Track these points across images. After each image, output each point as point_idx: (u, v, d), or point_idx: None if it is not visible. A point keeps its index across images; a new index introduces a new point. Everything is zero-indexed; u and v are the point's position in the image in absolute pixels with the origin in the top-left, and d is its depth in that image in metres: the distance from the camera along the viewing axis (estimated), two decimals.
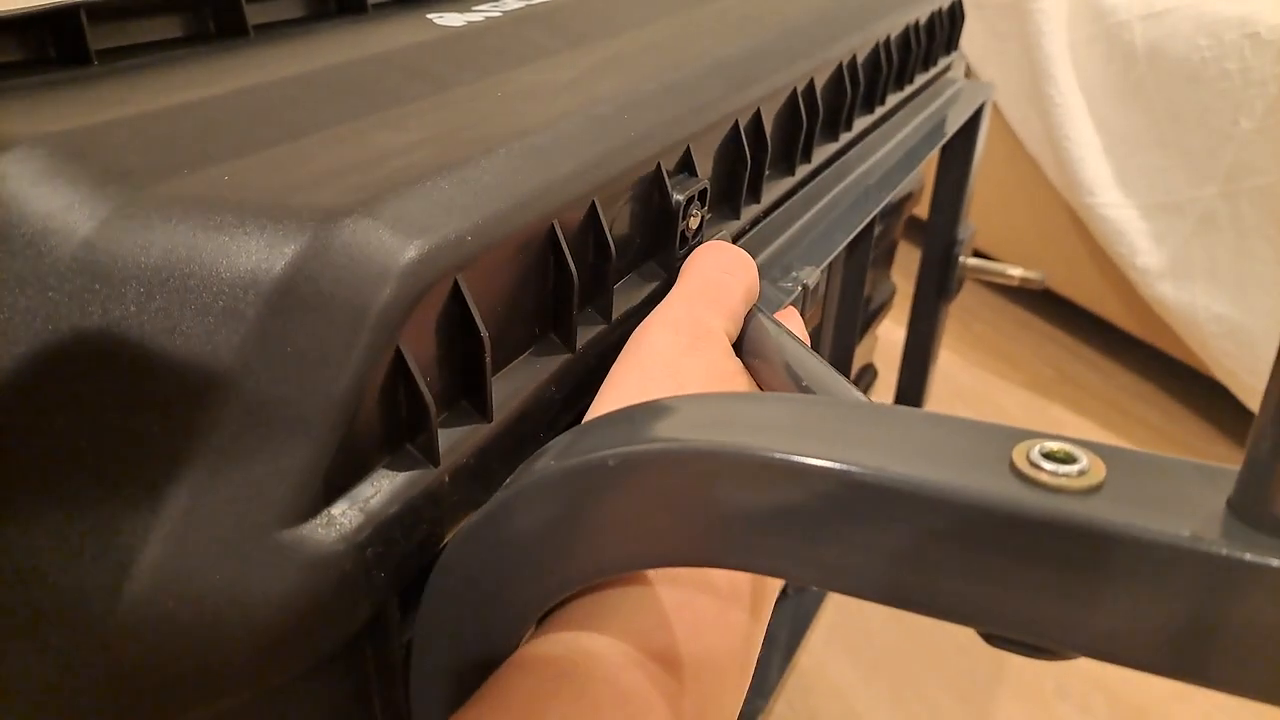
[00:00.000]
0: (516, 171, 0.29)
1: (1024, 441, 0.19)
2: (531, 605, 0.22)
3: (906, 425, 0.20)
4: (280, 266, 0.22)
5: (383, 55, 0.36)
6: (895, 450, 0.19)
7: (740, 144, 0.41)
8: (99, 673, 0.20)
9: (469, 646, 0.23)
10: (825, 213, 0.50)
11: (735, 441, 0.20)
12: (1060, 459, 0.18)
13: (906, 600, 0.19)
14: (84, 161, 0.25)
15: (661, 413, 0.22)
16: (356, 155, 0.28)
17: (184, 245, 0.22)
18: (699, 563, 0.21)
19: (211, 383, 0.21)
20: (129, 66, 0.32)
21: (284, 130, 0.29)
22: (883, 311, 0.90)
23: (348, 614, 0.22)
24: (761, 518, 0.20)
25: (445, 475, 0.25)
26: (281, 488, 0.21)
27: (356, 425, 0.22)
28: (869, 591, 0.19)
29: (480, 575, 0.22)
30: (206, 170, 0.25)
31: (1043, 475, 0.18)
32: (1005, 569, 0.18)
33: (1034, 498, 0.17)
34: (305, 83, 0.33)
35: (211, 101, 0.30)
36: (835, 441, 0.19)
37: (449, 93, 0.34)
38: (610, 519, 0.21)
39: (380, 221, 0.24)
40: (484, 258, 0.26)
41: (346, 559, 0.21)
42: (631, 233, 0.35)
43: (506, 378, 0.29)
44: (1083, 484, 0.17)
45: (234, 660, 0.20)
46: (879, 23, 0.57)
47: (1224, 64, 1.12)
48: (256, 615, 0.20)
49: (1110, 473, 0.18)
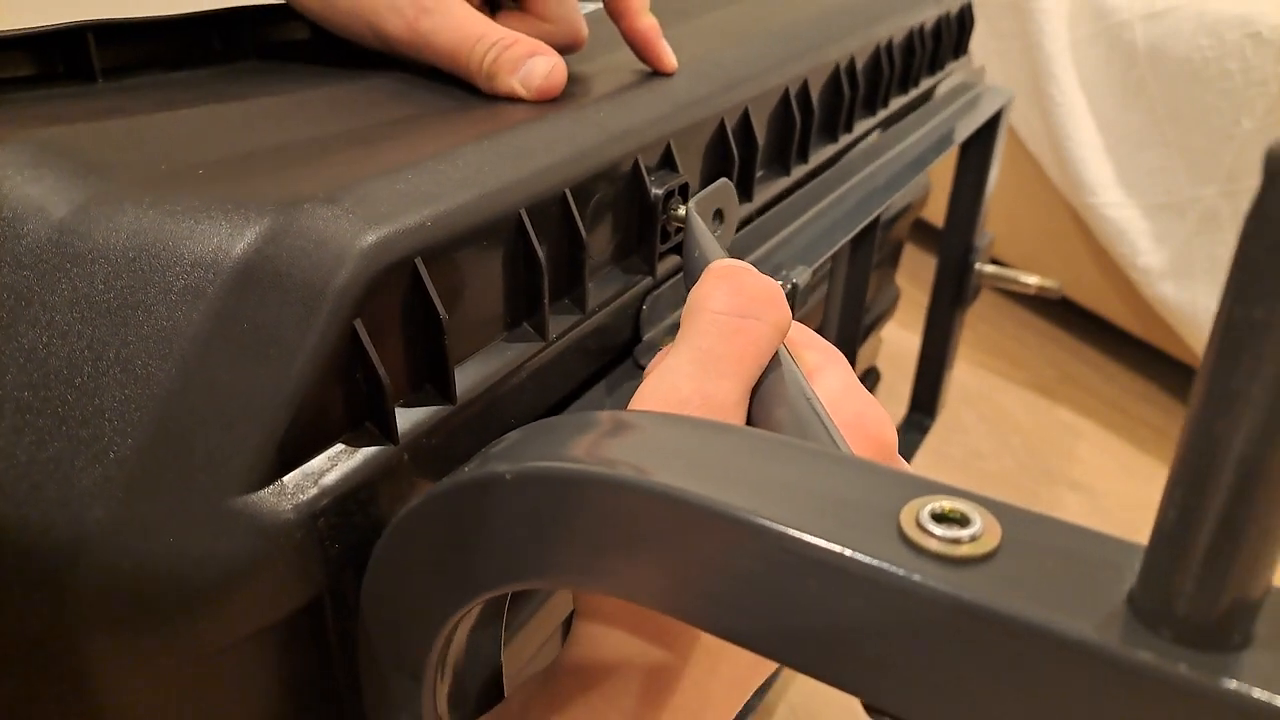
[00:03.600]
0: (486, 164, 0.30)
1: (917, 499, 0.18)
2: (451, 603, 0.22)
3: (805, 467, 0.19)
4: (240, 248, 0.23)
5: (378, 73, 0.38)
6: (783, 493, 0.18)
7: (727, 143, 0.42)
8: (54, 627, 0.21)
9: (398, 633, 0.24)
10: (824, 214, 0.51)
11: (617, 473, 0.19)
12: (952, 520, 0.17)
13: (778, 653, 0.18)
14: (68, 156, 0.26)
15: (574, 429, 0.22)
16: (333, 154, 0.29)
17: (151, 228, 0.23)
18: (573, 586, 0.21)
19: (172, 354, 0.22)
20: (133, 84, 0.34)
21: (268, 137, 0.30)
22: (886, 315, 0.90)
23: (299, 582, 0.23)
24: (637, 549, 0.19)
25: (404, 454, 0.25)
26: (235, 456, 0.22)
27: (312, 400, 0.23)
28: (749, 641, 0.19)
29: (403, 569, 0.23)
30: (183, 166, 0.27)
31: (930, 541, 0.17)
32: (877, 638, 0.17)
33: (915, 565, 0.16)
34: (299, 98, 0.34)
35: (203, 112, 0.32)
36: (722, 477, 0.19)
37: (435, 101, 0.36)
38: (507, 531, 0.21)
39: (340, 207, 0.25)
40: (448, 244, 0.27)
41: (298, 528, 0.22)
42: (611, 226, 0.36)
43: (476, 362, 0.30)
44: (972, 551, 0.16)
45: (187, 621, 0.21)
46: (879, 26, 0.58)
47: (1225, 63, 1.12)
48: (211, 577, 0.21)
49: (1005, 539, 0.17)
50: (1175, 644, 0.15)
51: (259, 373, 0.22)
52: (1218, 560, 0.14)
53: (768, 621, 0.18)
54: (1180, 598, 0.15)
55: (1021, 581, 0.16)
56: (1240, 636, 0.15)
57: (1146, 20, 1.21)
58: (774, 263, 0.45)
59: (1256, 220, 0.13)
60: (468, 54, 0.36)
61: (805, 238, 0.48)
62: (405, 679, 0.24)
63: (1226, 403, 0.13)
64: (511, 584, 0.22)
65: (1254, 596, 0.15)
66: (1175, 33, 1.17)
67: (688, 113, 0.39)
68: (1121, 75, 1.24)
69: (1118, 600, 0.16)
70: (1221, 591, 0.14)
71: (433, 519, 0.22)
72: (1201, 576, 0.14)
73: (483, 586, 0.22)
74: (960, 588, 0.16)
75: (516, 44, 0.36)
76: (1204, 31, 1.14)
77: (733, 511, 0.18)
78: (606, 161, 0.34)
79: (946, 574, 0.16)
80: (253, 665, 0.24)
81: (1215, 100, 1.13)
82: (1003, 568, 0.16)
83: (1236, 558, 0.14)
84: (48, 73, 0.33)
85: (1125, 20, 1.23)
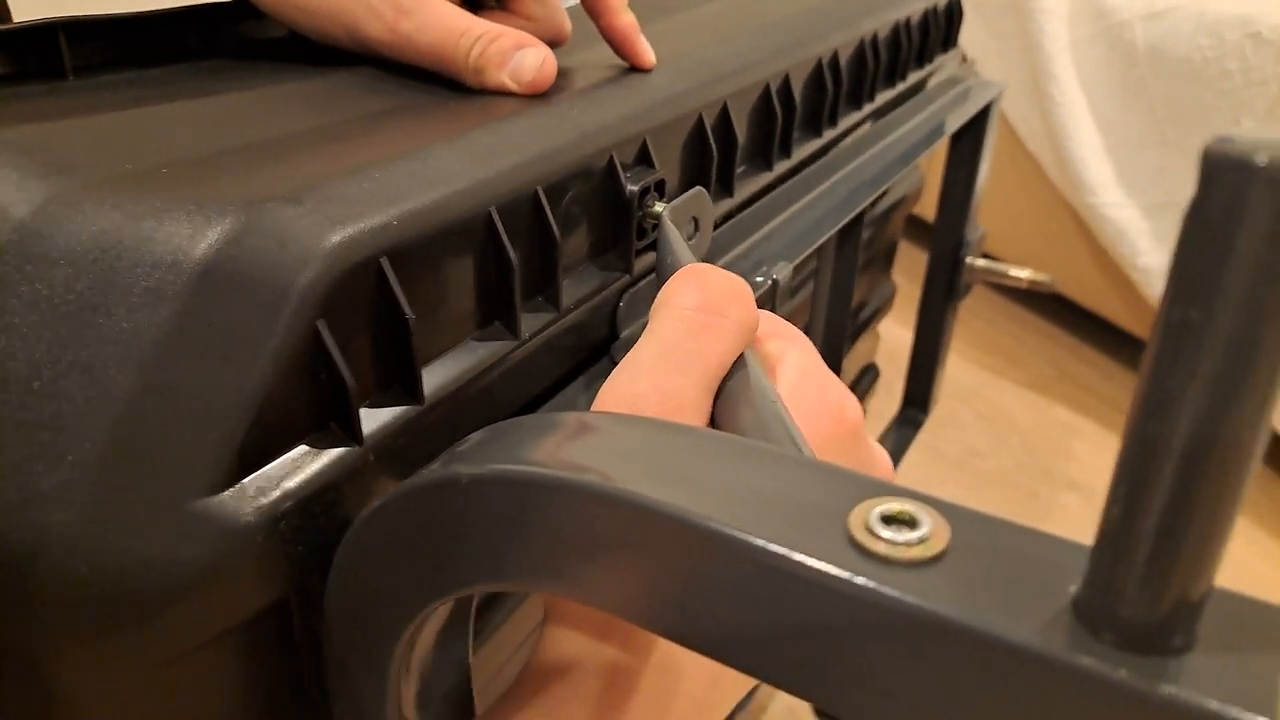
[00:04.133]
0: (456, 162, 0.30)
1: (867, 500, 0.18)
2: (413, 605, 0.22)
3: (756, 468, 0.19)
4: (202, 249, 0.23)
5: (353, 69, 0.38)
6: (733, 496, 0.18)
7: (706, 139, 0.42)
8: (14, 631, 0.21)
9: (362, 635, 0.23)
10: (809, 208, 0.51)
11: (567, 475, 0.19)
12: (901, 522, 0.17)
13: (730, 657, 0.18)
14: (31, 155, 0.26)
15: (533, 431, 0.22)
16: (302, 152, 0.29)
17: (113, 230, 0.23)
18: (530, 589, 0.21)
19: (131, 357, 0.22)
20: (105, 81, 0.34)
21: (238, 135, 0.30)
22: (882, 311, 0.90)
23: (262, 584, 0.23)
24: (591, 552, 0.19)
25: (370, 455, 0.25)
26: (195, 459, 0.22)
27: (274, 402, 0.23)
28: (700, 644, 0.18)
29: (366, 571, 0.23)
30: (149, 165, 0.27)
31: (878, 545, 0.17)
32: (825, 642, 0.17)
33: (861, 569, 0.16)
34: (273, 95, 0.34)
35: (173, 110, 0.31)
36: (673, 479, 0.18)
37: (411, 96, 0.35)
38: (464, 534, 0.21)
39: (304, 206, 0.24)
40: (415, 243, 0.27)
41: (259, 530, 0.22)
42: (586, 224, 0.35)
43: (446, 361, 0.29)
44: (920, 554, 0.16)
45: (146, 626, 0.21)
46: (864, 20, 0.57)
47: (1225, 63, 1.12)
48: (166, 580, 0.21)
49: (953, 541, 0.17)
50: (1118, 648, 0.15)
51: (220, 375, 0.22)
52: (1159, 560, 0.14)
53: (718, 625, 0.18)
54: (1123, 600, 0.15)
55: (968, 585, 0.16)
56: (1183, 639, 0.15)
57: (1146, 20, 1.20)
58: (756, 258, 0.45)
59: (1193, 221, 0.13)
60: (453, 50, 0.36)
61: (789, 233, 0.48)
62: (371, 680, 0.24)
63: (1165, 403, 0.13)
64: (471, 587, 0.22)
65: (1195, 597, 0.14)
66: (1175, 33, 1.17)
67: (665, 109, 0.39)
68: (1121, 75, 1.24)
69: (1063, 603, 0.16)
70: (1163, 592, 0.14)
71: (393, 521, 0.22)
72: (1143, 577, 0.14)
73: (444, 589, 0.22)
74: (906, 591, 0.16)
75: (502, 36, 0.35)
76: (1204, 31, 1.13)
77: (681, 515, 0.18)
78: (580, 158, 0.34)
79: (892, 577, 0.16)
80: (220, 667, 0.24)
81: (1215, 100, 1.13)
82: (949, 571, 0.16)
83: (1178, 558, 0.14)
84: (19, 71, 0.33)
85: (1125, 20, 1.23)
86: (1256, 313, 0.12)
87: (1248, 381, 0.12)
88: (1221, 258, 0.12)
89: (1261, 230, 0.12)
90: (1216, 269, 0.12)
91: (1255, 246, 0.12)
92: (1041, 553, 0.17)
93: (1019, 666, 0.15)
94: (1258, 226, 0.12)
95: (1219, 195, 0.12)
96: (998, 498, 1.10)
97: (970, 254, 0.79)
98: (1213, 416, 0.13)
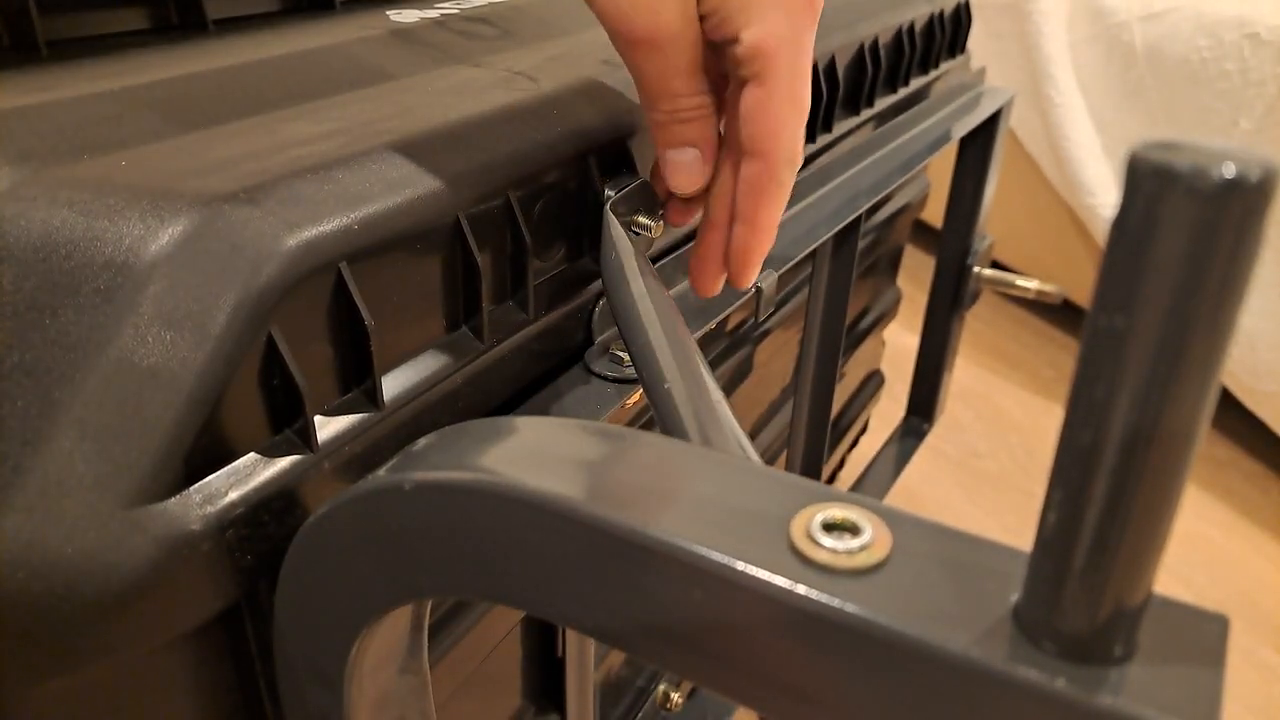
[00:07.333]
0: (424, 162, 0.29)
1: (810, 507, 0.17)
2: (361, 614, 0.22)
3: (702, 474, 0.19)
4: (154, 250, 0.23)
5: (327, 49, 0.37)
6: (676, 503, 0.18)
7: None
8: None
9: (312, 644, 0.23)
10: (799, 216, 0.50)
11: (511, 484, 0.19)
12: (844, 529, 0.17)
13: (673, 664, 0.18)
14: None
15: (481, 436, 0.22)
16: (263, 144, 0.28)
17: (64, 227, 0.23)
18: (474, 597, 0.20)
19: (77, 360, 0.22)
20: (79, 56, 0.33)
21: (201, 118, 0.29)
22: (887, 317, 0.89)
23: (208, 592, 0.23)
24: (530, 560, 0.19)
25: (325, 462, 0.25)
26: (140, 465, 0.21)
27: (224, 408, 0.23)
28: (641, 651, 0.18)
29: (313, 578, 0.22)
30: (108, 155, 0.26)
31: (820, 553, 0.16)
32: (765, 650, 0.16)
33: (800, 576, 0.16)
34: (240, 74, 0.33)
35: (139, 90, 0.30)
36: (617, 486, 0.18)
37: (380, 86, 0.35)
38: (407, 541, 0.21)
39: (261, 208, 0.24)
40: (376, 247, 0.26)
41: (204, 539, 0.22)
42: (560, 228, 0.35)
43: (410, 366, 0.29)
44: (861, 562, 0.16)
45: (87, 632, 0.21)
46: (863, 24, 0.57)
47: (1223, 64, 1.11)
48: (109, 588, 0.21)
49: (895, 548, 0.16)
50: (1058, 657, 0.14)
51: (167, 381, 0.22)
52: (1096, 567, 0.14)
53: (662, 632, 0.18)
54: (1061, 608, 0.14)
55: (908, 593, 0.16)
56: (1123, 648, 0.14)
57: (1145, 21, 1.20)
58: None
59: (1118, 229, 0.12)
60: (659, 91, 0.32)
61: (779, 239, 0.47)
62: (322, 693, 0.23)
63: (1094, 411, 0.13)
64: (420, 595, 0.21)
65: (1134, 604, 0.14)
66: (1173, 34, 1.16)
67: None
68: (1120, 76, 1.23)
69: (1003, 611, 0.15)
70: (1101, 600, 0.14)
71: (339, 527, 0.22)
72: (1081, 584, 0.14)
73: (393, 597, 0.21)
74: (847, 600, 0.16)
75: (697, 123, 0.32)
76: (1202, 32, 1.13)
77: (622, 525, 0.17)
78: (556, 161, 0.33)
79: (832, 585, 0.16)
80: (168, 675, 0.24)
81: (1213, 101, 1.12)
82: (890, 579, 0.16)
83: (1114, 564, 0.14)
84: None
85: (1123, 21, 1.22)
86: (1179, 319, 0.12)
87: (1174, 387, 0.12)
88: (1142, 264, 0.12)
89: (1181, 237, 0.11)
90: (1138, 276, 0.12)
91: (1175, 253, 0.11)
92: (985, 560, 0.16)
93: (958, 677, 0.15)
94: (1178, 233, 0.11)
95: (1141, 203, 0.12)
96: (997, 498, 1.10)
97: (977, 263, 0.77)
98: (1142, 422, 0.13)
